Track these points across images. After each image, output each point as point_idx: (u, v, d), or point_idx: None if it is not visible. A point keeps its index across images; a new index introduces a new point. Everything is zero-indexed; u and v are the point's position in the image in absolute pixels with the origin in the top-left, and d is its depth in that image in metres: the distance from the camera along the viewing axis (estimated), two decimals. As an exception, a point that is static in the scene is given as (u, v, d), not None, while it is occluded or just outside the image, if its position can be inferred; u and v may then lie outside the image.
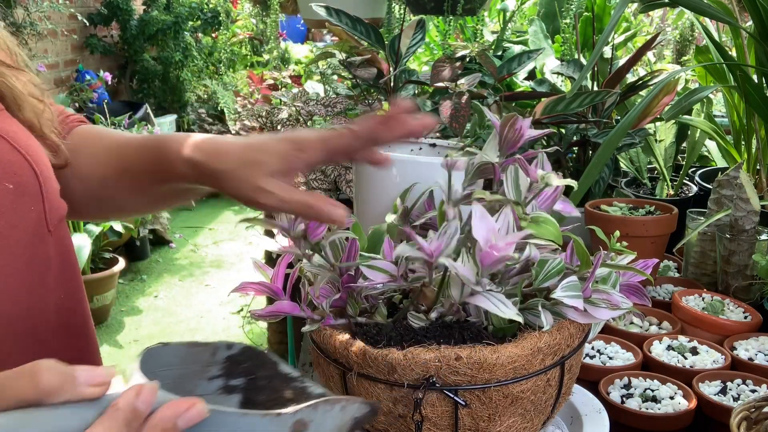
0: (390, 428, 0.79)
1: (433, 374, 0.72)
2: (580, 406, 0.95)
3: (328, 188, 1.71)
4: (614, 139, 1.29)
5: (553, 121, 1.58)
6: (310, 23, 2.45)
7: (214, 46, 6.47)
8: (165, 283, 4.59)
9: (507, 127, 0.85)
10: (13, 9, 4.21)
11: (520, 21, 2.78)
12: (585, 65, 1.52)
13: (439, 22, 2.73)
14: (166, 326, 4.06)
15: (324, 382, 0.86)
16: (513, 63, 1.76)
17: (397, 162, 1.19)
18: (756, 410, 0.85)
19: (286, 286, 0.85)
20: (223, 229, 5.70)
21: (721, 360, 1.14)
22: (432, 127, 0.76)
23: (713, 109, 1.91)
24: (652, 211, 1.43)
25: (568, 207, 0.86)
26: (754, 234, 1.33)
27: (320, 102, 1.82)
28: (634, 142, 1.60)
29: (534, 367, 0.75)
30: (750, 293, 1.34)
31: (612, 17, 1.35)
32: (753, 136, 1.61)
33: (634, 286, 0.85)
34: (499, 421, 0.76)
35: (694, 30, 2.68)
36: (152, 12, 5.97)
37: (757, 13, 1.38)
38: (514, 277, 0.83)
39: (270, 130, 2.14)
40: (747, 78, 1.48)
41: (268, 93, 2.27)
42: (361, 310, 0.86)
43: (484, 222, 0.75)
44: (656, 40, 1.86)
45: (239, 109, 3.06)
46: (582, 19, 2.05)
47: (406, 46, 1.80)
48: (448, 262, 0.74)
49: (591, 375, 1.10)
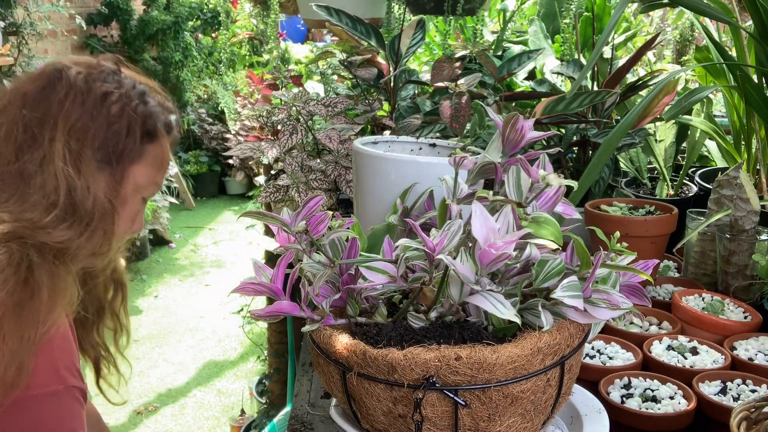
0: (390, 428, 0.79)
1: (433, 374, 0.72)
2: (580, 406, 0.95)
3: (328, 188, 1.71)
4: (614, 139, 1.29)
5: (553, 121, 1.58)
6: (310, 23, 2.45)
7: (214, 46, 6.48)
8: (165, 283, 4.59)
9: (509, 127, 0.85)
10: (14, 9, 4.22)
11: (520, 21, 2.78)
12: (585, 65, 1.52)
13: (439, 22, 2.73)
14: (166, 326, 4.06)
15: (324, 382, 0.86)
16: (513, 63, 1.76)
17: (397, 162, 1.19)
18: (756, 410, 0.85)
19: (286, 286, 0.85)
20: (223, 229, 5.70)
21: (721, 360, 1.14)
22: None
23: (713, 109, 1.91)
24: (652, 211, 1.43)
25: (568, 209, 0.86)
26: (754, 234, 1.33)
27: (320, 102, 1.82)
28: (634, 142, 1.60)
29: (534, 367, 0.75)
30: (750, 293, 1.34)
31: (612, 17, 1.35)
32: (753, 136, 1.61)
33: (634, 287, 0.85)
34: (499, 421, 0.76)
35: (694, 30, 2.68)
36: (152, 12, 5.98)
37: (757, 13, 1.38)
38: (514, 277, 0.83)
39: (270, 130, 2.14)
40: (747, 78, 1.48)
41: (268, 93, 2.27)
42: (361, 310, 0.86)
43: (484, 221, 0.75)
44: (656, 40, 1.86)
45: (239, 109, 3.06)
46: (582, 19, 2.05)
47: (406, 46, 1.80)
48: (447, 260, 0.74)
49: (591, 375, 1.10)
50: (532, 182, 0.83)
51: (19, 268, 0.88)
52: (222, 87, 5.31)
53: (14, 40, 4.28)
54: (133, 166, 1.00)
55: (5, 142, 0.95)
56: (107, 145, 0.97)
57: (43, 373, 0.90)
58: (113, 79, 1.01)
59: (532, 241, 0.77)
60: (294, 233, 0.82)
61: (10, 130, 0.95)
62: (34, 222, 0.91)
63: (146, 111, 1.02)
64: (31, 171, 0.93)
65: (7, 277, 0.87)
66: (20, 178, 0.93)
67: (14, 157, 0.94)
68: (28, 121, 0.95)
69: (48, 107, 0.96)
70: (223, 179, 6.59)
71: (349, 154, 1.70)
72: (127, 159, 0.99)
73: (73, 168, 0.94)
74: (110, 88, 0.99)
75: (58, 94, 0.96)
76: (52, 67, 1.00)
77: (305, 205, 0.82)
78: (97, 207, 0.96)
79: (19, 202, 0.92)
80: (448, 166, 0.90)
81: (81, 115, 0.96)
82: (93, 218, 0.95)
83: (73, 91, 0.97)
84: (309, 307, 0.84)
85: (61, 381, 0.92)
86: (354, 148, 1.26)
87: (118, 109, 0.98)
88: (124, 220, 1.03)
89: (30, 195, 0.93)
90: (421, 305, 0.84)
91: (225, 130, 6.12)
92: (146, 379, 3.49)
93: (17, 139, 0.95)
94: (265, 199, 1.75)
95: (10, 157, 0.94)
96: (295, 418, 1.13)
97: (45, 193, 0.93)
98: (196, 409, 3.26)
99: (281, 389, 2.64)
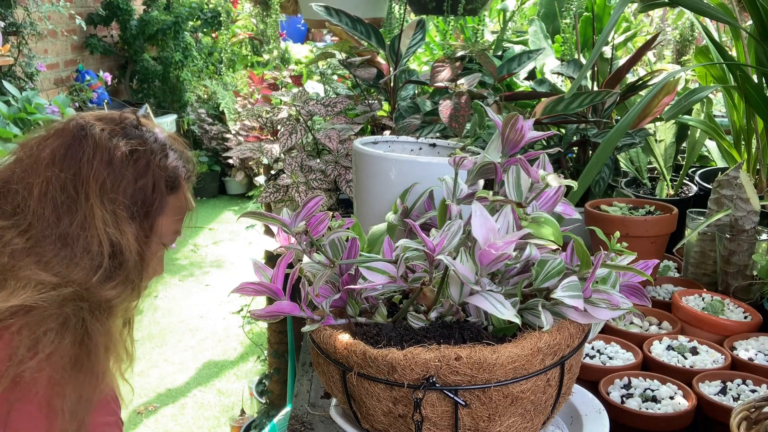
0: (390, 428, 0.79)
1: (433, 374, 0.72)
2: (580, 406, 0.95)
3: (328, 188, 1.71)
4: (614, 139, 1.29)
5: (553, 121, 1.58)
6: (310, 23, 2.45)
7: (214, 46, 6.48)
8: (165, 283, 4.58)
9: (509, 127, 0.85)
10: (13, 9, 4.22)
11: (520, 21, 2.78)
12: (584, 65, 1.52)
13: (439, 22, 2.73)
14: (166, 326, 4.06)
15: (324, 382, 0.86)
16: (513, 63, 1.76)
17: (397, 162, 1.19)
18: (756, 410, 0.85)
19: (286, 287, 0.85)
20: (223, 229, 5.70)
21: (721, 360, 1.14)
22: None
23: (713, 109, 1.91)
24: (652, 211, 1.43)
25: (568, 209, 0.86)
26: (754, 234, 1.33)
27: (320, 102, 1.82)
28: (634, 142, 1.60)
29: (534, 367, 0.75)
30: (750, 293, 1.34)
31: (611, 17, 1.35)
32: (753, 136, 1.61)
33: (634, 287, 0.85)
34: (499, 421, 0.76)
35: (694, 30, 2.68)
36: (152, 12, 5.98)
37: (757, 13, 1.38)
38: (514, 277, 0.83)
39: (270, 130, 2.14)
40: (747, 78, 1.48)
41: (268, 93, 2.27)
42: (361, 310, 0.86)
43: (484, 221, 0.75)
44: (656, 40, 1.86)
45: (239, 109, 3.06)
46: (582, 19, 2.05)
47: (406, 46, 1.80)
48: (447, 260, 0.74)
49: (591, 375, 1.10)
50: (531, 182, 0.83)
51: (75, 330, 0.91)
52: (222, 87, 5.32)
53: (14, 40, 4.28)
54: (159, 218, 1.03)
55: (43, 202, 0.95)
56: (136, 201, 0.99)
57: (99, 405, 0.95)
58: (135, 134, 1.03)
59: (532, 241, 0.77)
60: (294, 233, 0.82)
61: (45, 189, 0.95)
62: (83, 283, 0.93)
63: (169, 164, 1.04)
64: (74, 234, 0.94)
65: (65, 339, 0.89)
66: (64, 241, 0.94)
67: (56, 219, 0.94)
68: (63, 181, 0.96)
69: (79, 167, 0.97)
70: (223, 179, 6.59)
71: (349, 154, 1.70)
72: (155, 213, 1.02)
73: (114, 228, 0.96)
74: (134, 145, 1.01)
75: (86, 153, 0.97)
76: (75, 123, 1.01)
77: (305, 206, 0.82)
78: (135, 261, 0.99)
79: (64, 264, 0.93)
80: (448, 166, 0.90)
81: (109, 174, 0.97)
82: (134, 273, 0.99)
83: (99, 151, 0.98)
84: (309, 307, 0.84)
85: (112, 413, 0.98)
86: (354, 148, 1.26)
87: (144, 165, 1.01)
88: (150, 268, 1.06)
89: (76, 257, 0.94)
90: (421, 305, 0.84)
91: (225, 130, 6.12)
92: (146, 379, 3.48)
93: (56, 200, 0.95)
94: (265, 199, 1.75)
95: (52, 218, 0.95)
96: (295, 418, 1.14)
97: (91, 254, 0.94)
98: (196, 409, 3.26)
99: (281, 389, 2.64)
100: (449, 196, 0.90)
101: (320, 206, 0.83)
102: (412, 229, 0.85)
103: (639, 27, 2.61)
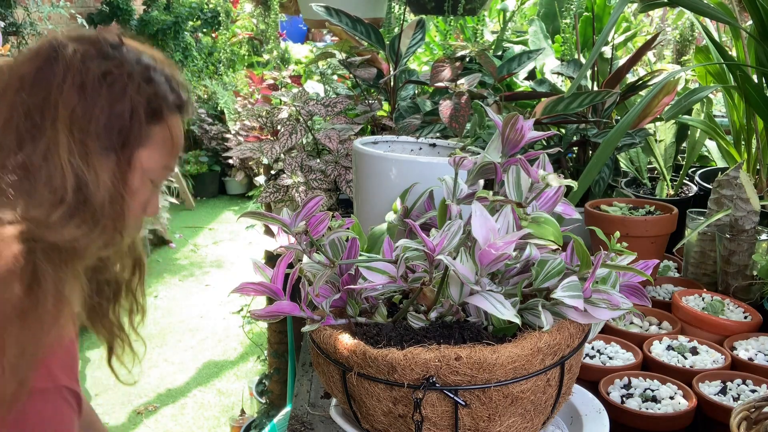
0: (390, 428, 0.79)
1: (433, 374, 0.72)
2: (580, 406, 0.95)
3: (328, 188, 1.71)
4: (614, 139, 1.29)
5: (553, 121, 1.58)
6: (310, 23, 2.45)
7: (214, 46, 6.47)
8: (165, 283, 4.58)
9: (509, 127, 0.85)
10: (13, 9, 4.22)
11: (520, 21, 2.78)
12: (584, 65, 1.52)
13: (439, 22, 2.73)
14: (166, 326, 4.06)
15: (324, 382, 0.86)
16: (513, 63, 1.76)
17: (397, 162, 1.19)
18: (756, 410, 0.85)
19: (286, 287, 0.85)
20: (223, 229, 5.70)
21: (721, 360, 1.14)
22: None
23: (713, 109, 1.91)
24: (652, 211, 1.43)
25: (568, 209, 0.86)
26: (754, 234, 1.33)
27: (320, 102, 1.82)
28: (634, 142, 1.60)
29: (534, 367, 0.75)
30: (750, 293, 1.34)
31: (611, 17, 1.35)
32: (753, 136, 1.61)
33: (634, 287, 0.85)
34: (499, 421, 0.76)
35: (694, 30, 2.68)
36: (152, 12, 5.98)
37: (757, 13, 1.38)
38: (514, 277, 0.83)
39: (270, 130, 2.14)
40: (747, 78, 1.48)
41: (268, 93, 2.27)
42: (361, 310, 0.86)
43: (484, 221, 0.75)
44: (656, 40, 1.86)
45: (239, 109, 3.06)
46: (582, 19, 2.05)
47: (406, 46, 1.80)
48: (447, 260, 0.74)
49: (591, 375, 1.10)
50: (531, 182, 0.83)
51: (23, 275, 0.81)
52: (222, 87, 5.31)
53: (14, 40, 4.28)
54: (139, 150, 0.92)
55: (5, 130, 0.87)
56: (110, 130, 0.89)
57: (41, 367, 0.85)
58: (113, 54, 0.93)
59: (532, 241, 0.78)
60: (294, 233, 0.82)
61: (9, 116, 0.87)
62: (42, 220, 0.84)
63: (151, 89, 0.93)
64: (35, 163, 0.85)
65: (11, 286, 0.80)
66: (25, 171, 0.85)
67: (17, 148, 0.86)
68: (28, 107, 0.87)
69: (47, 91, 0.88)
70: (223, 179, 6.59)
71: (349, 154, 1.70)
72: (133, 144, 0.91)
73: (81, 160, 0.86)
74: (110, 67, 0.91)
75: (57, 76, 0.88)
76: (48, 44, 0.91)
77: (305, 206, 0.82)
78: (105, 199, 0.89)
79: (25, 198, 0.84)
80: (448, 166, 0.90)
81: (81, 100, 0.88)
82: (103, 212, 0.88)
83: (71, 73, 0.88)
84: (309, 307, 0.84)
85: (52, 379, 0.86)
86: (354, 148, 1.26)
87: (120, 90, 0.90)
88: (134, 208, 0.96)
89: (36, 190, 0.84)
90: (421, 305, 0.84)
91: (225, 130, 6.12)
92: (146, 379, 3.48)
93: (18, 127, 0.87)
94: (265, 199, 1.75)
95: (13, 147, 0.86)
96: (295, 418, 1.14)
97: (52, 188, 0.85)
98: (196, 409, 3.26)
99: (281, 389, 2.64)
100: (449, 196, 0.90)
101: (320, 206, 0.83)
102: (412, 229, 0.85)
103: (639, 27, 2.61)
